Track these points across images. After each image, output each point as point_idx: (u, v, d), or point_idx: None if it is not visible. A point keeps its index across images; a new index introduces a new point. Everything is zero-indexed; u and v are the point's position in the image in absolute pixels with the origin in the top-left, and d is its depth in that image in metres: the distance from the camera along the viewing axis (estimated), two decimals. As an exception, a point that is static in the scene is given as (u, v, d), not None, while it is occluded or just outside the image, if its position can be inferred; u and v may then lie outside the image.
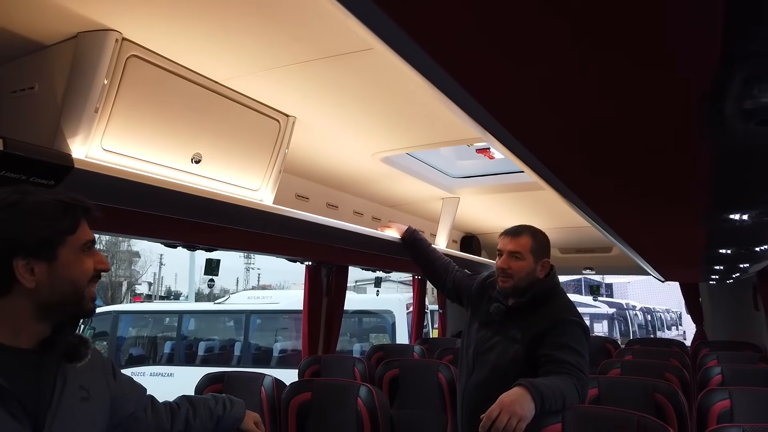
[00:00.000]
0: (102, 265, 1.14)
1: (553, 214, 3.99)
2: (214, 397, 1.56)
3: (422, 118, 2.20)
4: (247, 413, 1.59)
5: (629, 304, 19.54)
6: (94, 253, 1.13)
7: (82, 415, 1.13)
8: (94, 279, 1.12)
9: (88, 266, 1.11)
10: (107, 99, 1.49)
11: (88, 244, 1.11)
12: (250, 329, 9.90)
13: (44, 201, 1.07)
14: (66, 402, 1.09)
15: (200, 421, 1.46)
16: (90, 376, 1.19)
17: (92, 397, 1.17)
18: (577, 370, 1.84)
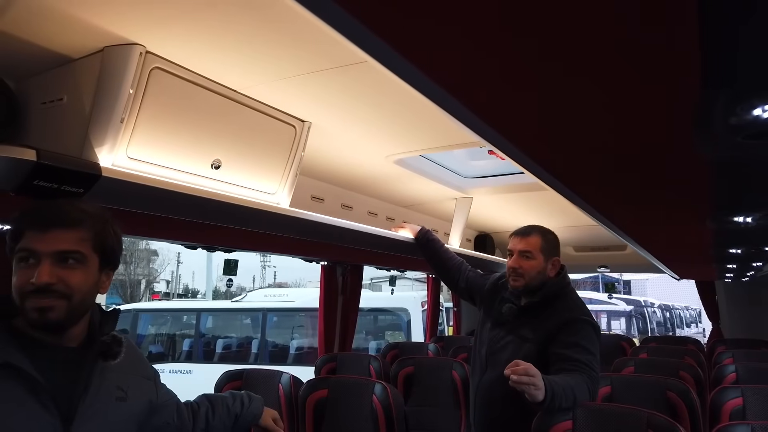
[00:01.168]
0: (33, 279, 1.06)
1: (566, 213, 4.00)
2: (233, 394, 1.58)
3: (434, 122, 2.24)
4: (265, 410, 1.61)
5: (647, 302, 19.31)
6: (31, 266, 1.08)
7: (115, 414, 1.18)
8: (29, 294, 1.07)
9: (19, 278, 1.08)
10: (132, 109, 1.56)
11: (21, 254, 1.09)
12: (266, 327, 10.01)
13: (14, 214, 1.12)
14: (100, 399, 1.14)
15: (219, 419, 1.49)
16: (131, 378, 1.25)
17: (129, 398, 1.21)
18: (588, 368, 1.87)
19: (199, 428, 1.45)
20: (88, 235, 1.14)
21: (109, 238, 1.19)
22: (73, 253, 1.11)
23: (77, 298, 1.12)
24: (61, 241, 1.10)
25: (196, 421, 1.45)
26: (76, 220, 1.13)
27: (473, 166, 3.42)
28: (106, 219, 1.20)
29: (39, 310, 1.07)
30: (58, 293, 1.08)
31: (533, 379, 1.63)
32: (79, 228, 1.13)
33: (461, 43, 0.62)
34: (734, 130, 0.63)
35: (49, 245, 1.09)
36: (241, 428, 1.56)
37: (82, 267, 1.13)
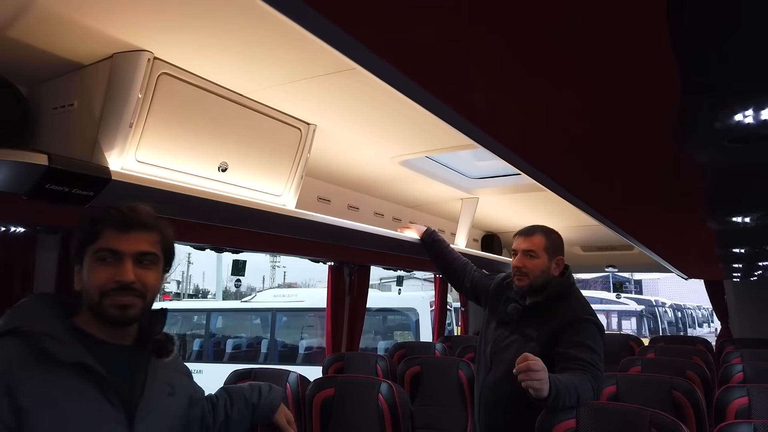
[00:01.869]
0: (120, 276, 1.12)
1: (573, 213, 3.98)
2: (251, 385, 1.55)
3: (438, 124, 2.22)
4: (282, 407, 1.56)
5: (659, 301, 19.15)
6: (112, 264, 1.13)
7: (167, 408, 1.24)
8: (112, 292, 1.12)
9: (100, 276, 1.12)
10: (140, 114, 1.60)
11: (102, 253, 1.13)
12: (276, 327, 10.06)
13: (86, 214, 1.18)
14: (155, 394, 1.20)
15: (237, 410, 1.47)
16: (175, 374, 1.31)
17: (177, 393, 1.27)
18: (592, 367, 1.88)
19: (219, 421, 1.44)
20: (160, 238, 1.21)
21: (172, 242, 1.26)
22: (149, 254, 1.17)
23: (149, 297, 1.19)
24: (141, 242, 1.16)
25: (216, 414, 1.46)
26: (152, 224, 1.20)
27: (479, 166, 3.43)
28: (167, 224, 1.26)
29: (120, 307, 1.13)
30: (137, 292, 1.14)
31: (537, 374, 1.64)
32: (154, 231, 1.19)
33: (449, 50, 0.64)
34: (719, 135, 0.65)
35: (130, 246, 1.14)
36: (260, 419, 1.51)
37: (155, 268, 1.20)
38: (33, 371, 1.05)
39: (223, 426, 1.46)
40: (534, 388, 1.63)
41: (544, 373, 1.66)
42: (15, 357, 1.05)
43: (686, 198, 1.36)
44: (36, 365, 1.05)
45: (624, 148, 0.95)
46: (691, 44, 0.52)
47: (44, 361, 1.06)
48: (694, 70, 0.53)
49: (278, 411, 1.53)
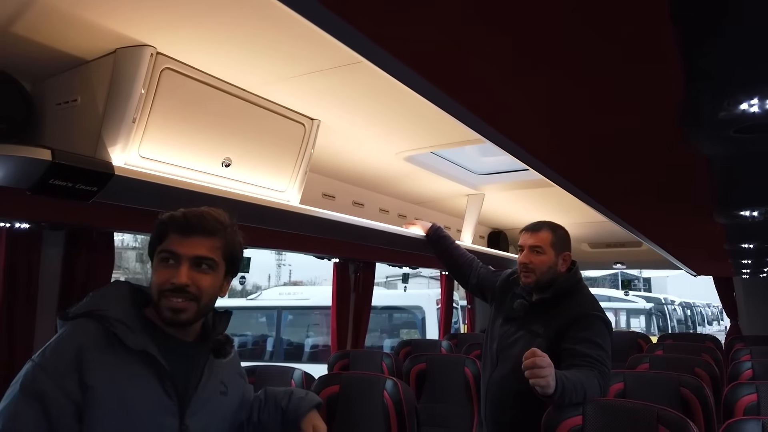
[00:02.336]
0: (175, 278, 1.17)
1: (581, 210, 3.97)
2: (287, 390, 1.51)
3: (443, 119, 2.22)
4: (312, 416, 1.45)
5: (668, 299, 19.02)
6: (171, 266, 1.18)
7: (219, 407, 1.28)
8: (167, 292, 1.17)
9: (160, 276, 1.18)
10: (143, 109, 1.60)
11: (164, 254, 1.19)
12: (281, 325, 10.07)
13: (161, 215, 1.24)
14: (208, 391, 1.25)
15: (267, 413, 1.45)
16: (230, 374, 1.34)
17: (229, 393, 1.31)
18: (599, 364, 1.86)
19: (252, 423, 1.43)
20: (221, 243, 1.24)
21: (237, 248, 1.30)
22: (207, 259, 1.21)
23: (204, 300, 1.22)
24: (200, 247, 1.20)
25: (251, 414, 1.45)
26: (214, 230, 1.23)
27: (485, 162, 3.42)
28: (235, 231, 1.30)
29: (173, 310, 1.18)
30: (191, 295, 1.19)
31: (542, 370, 1.63)
32: (215, 237, 1.23)
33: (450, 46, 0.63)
34: (724, 125, 0.63)
35: (189, 249, 1.19)
36: (288, 425, 1.44)
37: (212, 273, 1.23)
38: (102, 352, 1.12)
39: (256, 427, 1.44)
40: (540, 385, 1.62)
41: (551, 370, 1.64)
42: (88, 337, 1.12)
43: (693, 191, 1.34)
44: (106, 347, 1.13)
45: (630, 141, 0.94)
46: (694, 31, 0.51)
47: (113, 345, 1.13)
48: (697, 57, 0.52)
49: (305, 419, 1.43)
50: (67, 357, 1.09)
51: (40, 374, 1.08)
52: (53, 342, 1.13)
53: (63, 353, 1.10)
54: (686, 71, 0.56)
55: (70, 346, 1.11)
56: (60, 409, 1.06)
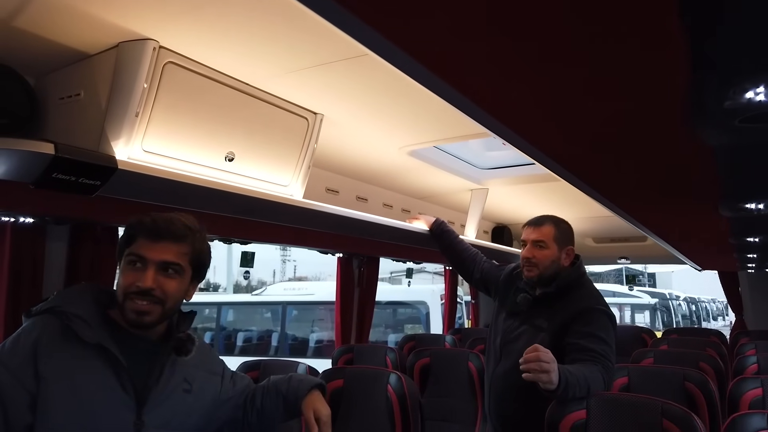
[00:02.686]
0: (140, 281, 1.21)
1: (585, 204, 3.96)
2: (291, 375, 1.49)
3: (447, 113, 2.23)
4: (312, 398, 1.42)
5: (672, 294, 18.98)
6: (143, 269, 1.21)
7: (180, 404, 1.28)
8: (132, 295, 1.21)
9: (125, 279, 1.22)
10: (146, 103, 1.60)
11: (131, 257, 1.22)
12: (286, 320, 10.11)
13: (131, 219, 1.26)
14: (169, 388, 1.26)
15: (269, 399, 1.44)
16: (197, 373, 1.35)
17: (194, 391, 1.32)
18: (603, 358, 1.85)
19: (256, 409, 1.43)
20: (188, 249, 1.28)
21: (204, 254, 1.34)
22: (174, 264, 1.25)
23: (169, 304, 1.26)
24: (167, 252, 1.24)
25: (254, 402, 1.44)
26: (182, 235, 1.26)
27: (489, 156, 3.41)
28: (204, 237, 1.34)
29: (137, 312, 1.22)
30: (156, 298, 1.22)
31: (546, 365, 1.62)
32: (183, 243, 1.26)
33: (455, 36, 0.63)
34: (730, 114, 0.62)
35: (156, 254, 1.23)
36: (290, 409, 1.42)
37: (178, 277, 1.27)
38: (58, 346, 1.16)
39: (258, 414, 1.44)
40: (543, 381, 1.61)
41: (554, 365, 1.64)
42: (45, 332, 1.17)
43: (698, 184, 1.33)
44: (62, 341, 1.16)
45: (635, 132, 0.93)
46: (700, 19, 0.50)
47: (70, 339, 1.17)
48: (702, 44, 0.51)
49: (305, 402, 1.41)
50: (24, 349, 1.14)
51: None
52: (13, 336, 1.19)
53: (20, 346, 1.15)
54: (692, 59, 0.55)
55: (27, 340, 1.15)
56: (15, 399, 1.11)
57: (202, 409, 1.35)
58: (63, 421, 1.13)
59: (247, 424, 1.45)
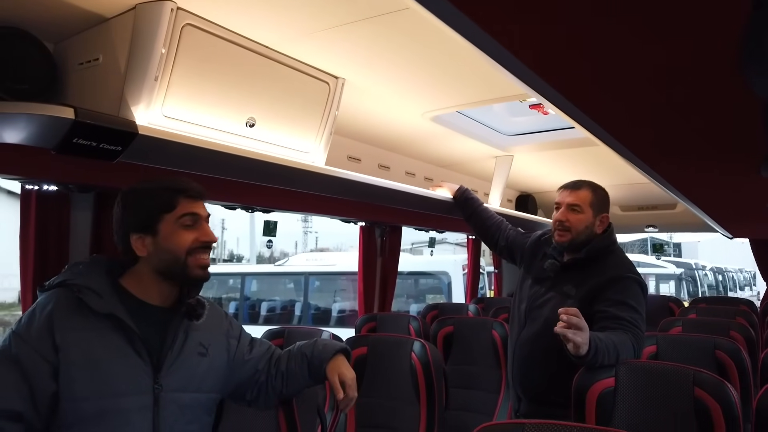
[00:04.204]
0: (205, 237, 1.31)
1: (613, 171, 3.87)
2: (316, 340, 1.54)
3: (471, 76, 2.17)
4: (336, 362, 1.46)
5: (698, 264, 18.69)
6: (198, 227, 1.30)
7: (196, 367, 1.33)
8: (197, 250, 1.29)
9: (185, 238, 1.28)
10: (165, 67, 1.57)
11: (185, 218, 1.29)
12: (309, 290, 10.22)
13: (151, 186, 1.30)
14: (184, 353, 1.31)
15: (294, 362, 1.48)
16: (212, 335, 1.39)
17: (209, 354, 1.36)
18: (633, 327, 1.81)
19: (281, 373, 1.48)
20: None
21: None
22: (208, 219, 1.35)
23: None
24: (204, 208, 1.35)
25: (278, 366, 1.49)
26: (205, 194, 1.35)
27: (514, 122, 3.32)
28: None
29: (203, 267, 1.31)
30: (210, 250, 1.33)
31: (580, 322, 1.57)
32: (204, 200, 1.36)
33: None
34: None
35: (203, 211, 1.33)
36: (316, 373, 1.46)
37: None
38: (72, 317, 1.20)
39: (283, 378, 1.48)
40: (576, 344, 1.57)
41: (586, 331, 1.60)
42: (60, 304, 1.21)
43: (742, 141, 1.25)
44: (76, 313, 1.21)
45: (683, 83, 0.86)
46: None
47: (83, 311, 1.21)
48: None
49: (330, 366, 1.45)
50: (40, 323, 1.19)
51: (17, 341, 1.19)
52: (29, 311, 1.23)
53: (36, 320, 1.20)
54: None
55: (43, 313, 1.20)
56: (37, 370, 1.16)
57: (219, 370, 1.39)
58: (85, 388, 1.18)
59: (272, 388, 1.48)
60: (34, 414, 1.16)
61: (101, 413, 1.18)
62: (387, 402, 2.37)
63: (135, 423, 1.22)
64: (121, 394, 1.21)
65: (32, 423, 1.16)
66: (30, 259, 1.86)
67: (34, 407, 1.16)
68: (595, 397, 1.73)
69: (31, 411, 1.15)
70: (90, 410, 1.18)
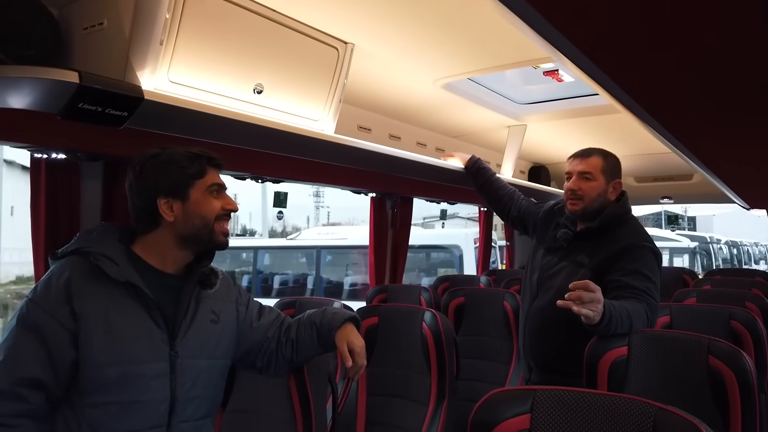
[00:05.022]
0: (229, 205, 1.34)
1: (628, 140, 3.79)
2: (326, 309, 1.55)
3: (483, 40, 2.12)
4: (345, 330, 1.47)
5: (713, 237, 18.52)
6: (222, 196, 1.34)
7: (209, 334, 1.35)
8: (223, 217, 1.33)
9: (215, 205, 1.32)
10: (170, 32, 1.54)
11: (214, 186, 1.32)
12: (321, 264, 10.28)
13: (178, 152, 1.31)
14: (197, 320, 1.33)
15: (304, 330, 1.50)
16: (222, 304, 1.41)
17: (221, 321, 1.38)
18: (647, 296, 1.79)
19: (291, 341, 1.49)
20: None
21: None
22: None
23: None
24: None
25: (288, 334, 1.51)
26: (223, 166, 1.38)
27: (527, 90, 3.25)
28: None
29: (225, 234, 1.34)
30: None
31: (593, 295, 1.55)
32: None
33: None
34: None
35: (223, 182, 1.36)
36: (324, 341, 1.47)
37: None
38: (89, 284, 1.21)
39: (293, 346, 1.49)
40: (589, 314, 1.55)
41: (600, 301, 1.58)
42: (75, 272, 1.21)
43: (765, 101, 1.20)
44: (92, 280, 1.21)
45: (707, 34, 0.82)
46: None
47: (99, 278, 1.21)
48: None
49: (339, 334, 1.46)
50: (57, 291, 1.19)
51: (35, 308, 1.19)
52: (44, 279, 1.23)
53: (53, 288, 1.20)
54: None
55: (59, 281, 1.20)
56: (56, 338, 1.17)
57: (230, 336, 1.41)
58: (105, 355, 1.19)
59: (282, 355, 1.48)
60: (54, 381, 1.17)
61: (121, 379, 1.20)
62: (398, 371, 2.37)
63: (153, 389, 1.23)
64: (140, 361, 1.22)
65: (53, 390, 1.18)
66: (41, 228, 1.86)
67: (54, 374, 1.17)
68: (607, 366, 1.72)
69: (51, 378, 1.17)
70: (110, 377, 1.19)
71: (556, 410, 1.20)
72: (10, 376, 1.14)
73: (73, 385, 1.19)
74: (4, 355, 1.16)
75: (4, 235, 11.65)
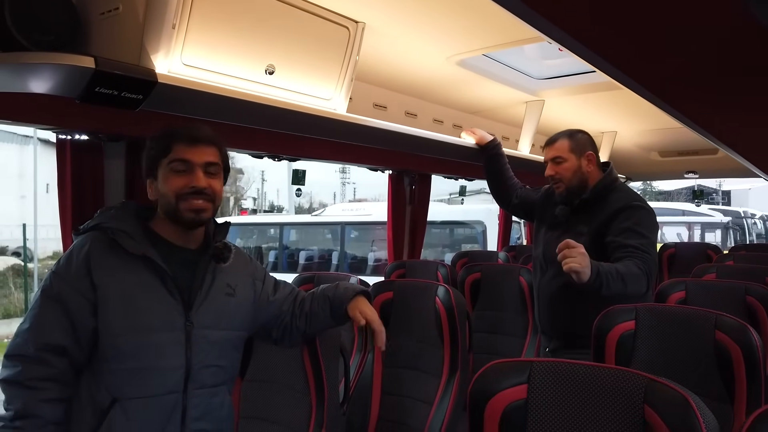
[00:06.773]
0: (194, 182, 1.31)
1: (651, 115, 3.71)
2: (339, 283, 1.61)
3: (497, 15, 2.08)
4: (357, 301, 1.52)
5: (747, 212, 17.97)
6: (189, 173, 1.31)
7: (225, 306, 1.40)
8: (188, 195, 1.31)
9: (175, 183, 1.31)
10: (182, 15, 1.58)
11: (175, 163, 1.31)
12: (345, 240, 10.39)
13: (156, 133, 1.35)
14: (213, 293, 1.38)
15: (317, 304, 1.55)
16: (238, 277, 1.46)
17: (236, 294, 1.43)
18: (640, 252, 1.88)
19: (304, 314, 1.54)
20: (220, 151, 1.38)
21: (227, 158, 1.44)
22: (215, 164, 1.35)
23: (217, 202, 1.38)
24: (207, 154, 1.34)
25: (302, 307, 1.56)
26: (213, 138, 1.36)
27: (545, 65, 3.20)
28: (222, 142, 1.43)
29: (195, 210, 1.32)
30: (208, 196, 1.34)
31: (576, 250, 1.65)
32: (215, 145, 1.36)
33: None
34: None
35: (199, 157, 1.32)
36: (337, 313, 1.52)
37: (219, 177, 1.38)
38: (107, 258, 1.28)
39: (306, 319, 1.55)
40: (575, 270, 1.63)
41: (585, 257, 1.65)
42: (95, 246, 1.29)
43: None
44: (110, 254, 1.29)
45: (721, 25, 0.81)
46: None
47: (117, 252, 1.29)
48: None
49: (350, 306, 1.51)
50: (78, 263, 1.27)
51: (58, 280, 1.27)
52: (66, 253, 1.31)
53: (74, 260, 1.28)
54: None
55: (80, 254, 1.28)
56: (78, 308, 1.25)
57: (245, 309, 1.46)
58: (121, 324, 1.27)
59: (296, 328, 1.55)
60: (77, 348, 1.26)
61: (137, 347, 1.27)
62: (412, 344, 2.43)
63: (168, 357, 1.30)
64: (155, 330, 1.29)
65: (75, 356, 1.26)
66: (68, 206, 1.95)
67: (77, 342, 1.26)
68: (615, 340, 1.74)
69: (73, 345, 1.25)
70: (126, 344, 1.26)
71: (552, 381, 1.24)
72: (36, 342, 1.23)
73: (93, 352, 1.27)
74: (30, 323, 1.26)
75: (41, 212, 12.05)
